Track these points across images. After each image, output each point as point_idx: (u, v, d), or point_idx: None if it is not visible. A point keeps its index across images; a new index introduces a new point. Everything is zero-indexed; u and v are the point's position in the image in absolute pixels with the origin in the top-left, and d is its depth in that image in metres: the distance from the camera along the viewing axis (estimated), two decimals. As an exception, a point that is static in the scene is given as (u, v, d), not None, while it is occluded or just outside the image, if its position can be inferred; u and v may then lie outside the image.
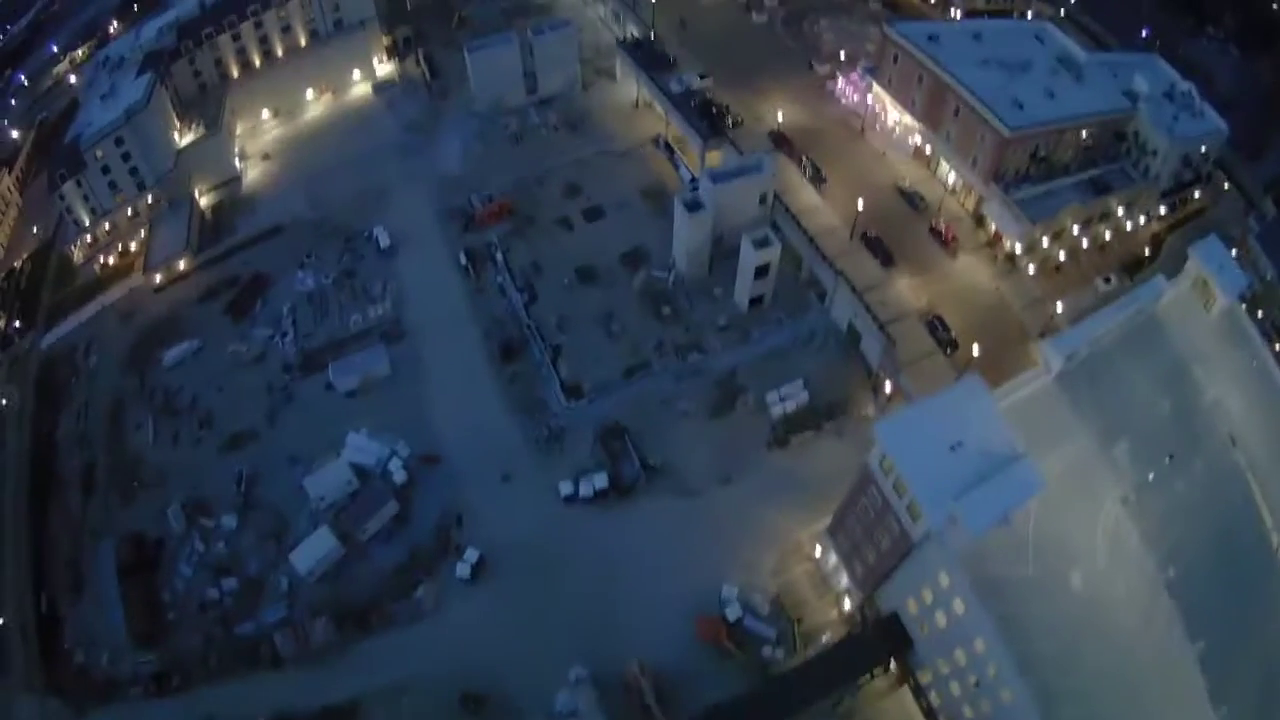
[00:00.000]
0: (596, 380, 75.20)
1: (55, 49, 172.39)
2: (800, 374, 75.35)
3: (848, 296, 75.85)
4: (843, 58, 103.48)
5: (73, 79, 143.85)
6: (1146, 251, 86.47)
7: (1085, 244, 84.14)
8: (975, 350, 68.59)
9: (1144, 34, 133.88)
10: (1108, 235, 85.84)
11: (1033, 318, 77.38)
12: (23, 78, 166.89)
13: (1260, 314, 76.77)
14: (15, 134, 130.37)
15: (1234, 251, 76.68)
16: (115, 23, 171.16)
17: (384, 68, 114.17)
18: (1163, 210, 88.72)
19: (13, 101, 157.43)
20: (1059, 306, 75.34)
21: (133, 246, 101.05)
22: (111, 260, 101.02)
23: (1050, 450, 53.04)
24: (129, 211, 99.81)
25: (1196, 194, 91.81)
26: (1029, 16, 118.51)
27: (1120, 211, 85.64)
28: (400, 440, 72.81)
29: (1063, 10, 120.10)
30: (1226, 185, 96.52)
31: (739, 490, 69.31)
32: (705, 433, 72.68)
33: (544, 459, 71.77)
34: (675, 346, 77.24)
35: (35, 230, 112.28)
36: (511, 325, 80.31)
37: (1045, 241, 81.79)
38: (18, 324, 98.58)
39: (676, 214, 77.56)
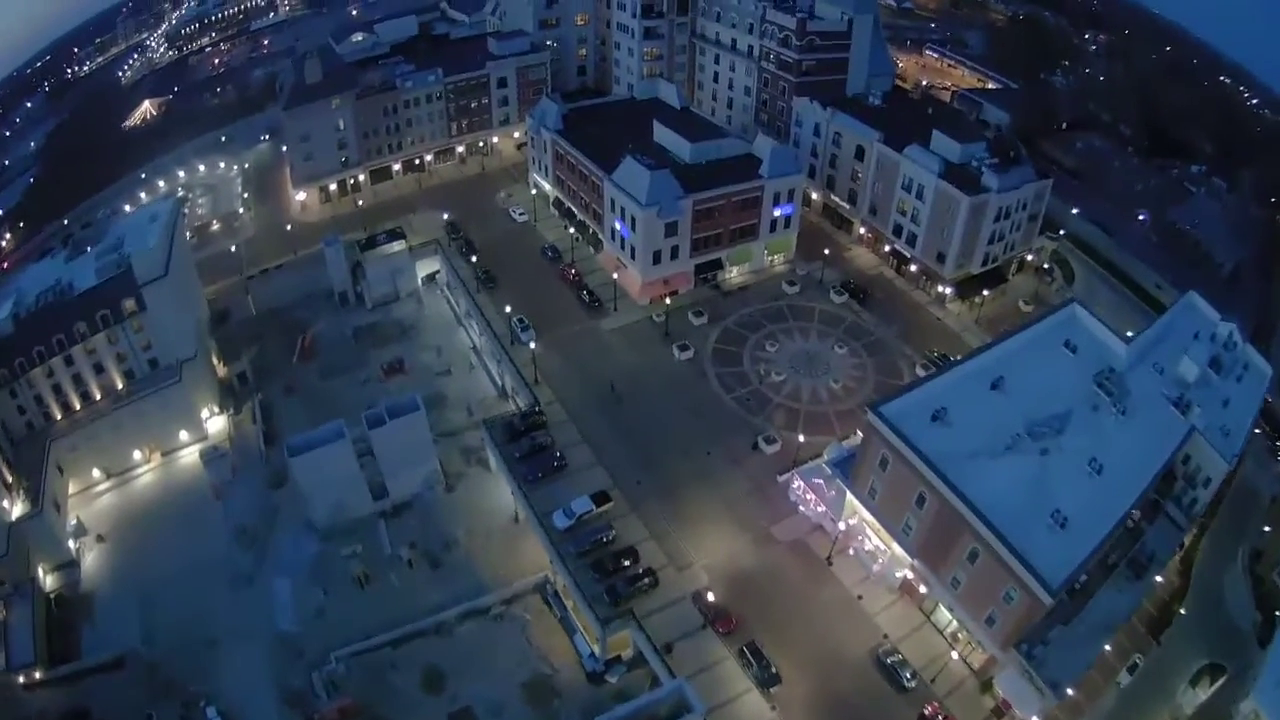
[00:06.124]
0: None
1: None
2: None
3: None
4: (801, 435, 78.35)
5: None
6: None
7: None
8: None
9: (1141, 218, 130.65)
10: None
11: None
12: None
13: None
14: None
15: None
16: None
17: (216, 421, 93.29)
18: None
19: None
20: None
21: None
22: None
23: None
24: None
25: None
26: (1029, 257, 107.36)
27: (1159, 579, 68.80)
28: None
29: (1061, 230, 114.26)
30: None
31: None
32: None
33: None
34: None
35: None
36: None
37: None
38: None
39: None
